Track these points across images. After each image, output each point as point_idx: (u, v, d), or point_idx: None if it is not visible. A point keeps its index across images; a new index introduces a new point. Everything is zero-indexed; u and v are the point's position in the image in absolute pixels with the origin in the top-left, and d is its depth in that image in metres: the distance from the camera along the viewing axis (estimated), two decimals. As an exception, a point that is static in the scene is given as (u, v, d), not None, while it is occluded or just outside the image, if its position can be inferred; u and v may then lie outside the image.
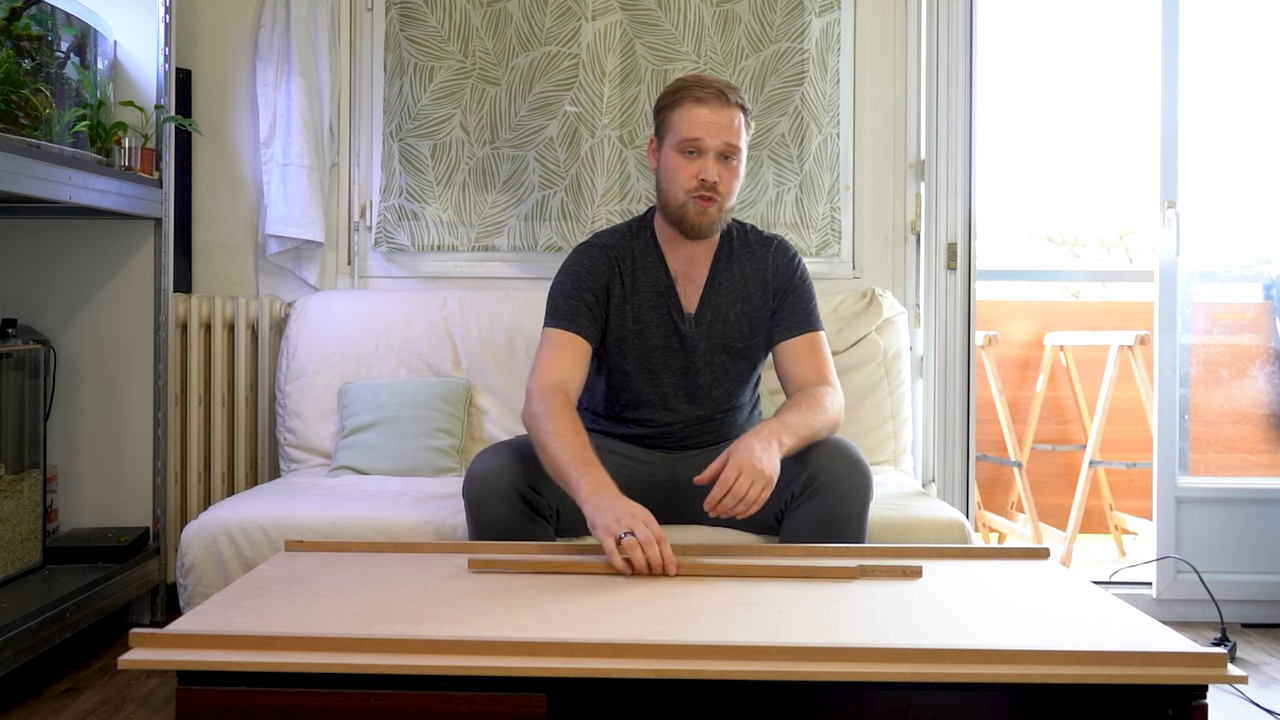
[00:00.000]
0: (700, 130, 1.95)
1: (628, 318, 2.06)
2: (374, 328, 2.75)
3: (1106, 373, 3.40)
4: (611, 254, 2.08)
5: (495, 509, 1.84)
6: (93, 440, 2.64)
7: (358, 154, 2.96)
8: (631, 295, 2.07)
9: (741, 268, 2.10)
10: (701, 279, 2.09)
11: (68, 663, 2.34)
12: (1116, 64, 4.38)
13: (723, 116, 1.96)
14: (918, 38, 2.93)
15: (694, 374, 2.07)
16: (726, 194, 2.00)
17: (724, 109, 1.96)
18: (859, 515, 1.86)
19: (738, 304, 2.08)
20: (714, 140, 1.96)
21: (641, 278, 2.07)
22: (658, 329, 2.07)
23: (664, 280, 2.08)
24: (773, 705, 1.25)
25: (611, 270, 2.07)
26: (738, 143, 1.98)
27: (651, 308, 2.07)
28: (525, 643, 1.20)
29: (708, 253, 2.10)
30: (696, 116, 1.96)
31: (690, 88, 1.98)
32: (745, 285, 2.09)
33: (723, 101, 1.96)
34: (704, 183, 1.96)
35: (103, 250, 2.63)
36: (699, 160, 1.97)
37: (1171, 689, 1.19)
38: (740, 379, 2.11)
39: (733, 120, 1.97)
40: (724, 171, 1.98)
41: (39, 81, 2.23)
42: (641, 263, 2.08)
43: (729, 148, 1.97)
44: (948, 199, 2.84)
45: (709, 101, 1.96)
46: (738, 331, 2.08)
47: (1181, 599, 2.79)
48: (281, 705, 1.18)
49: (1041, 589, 1.50)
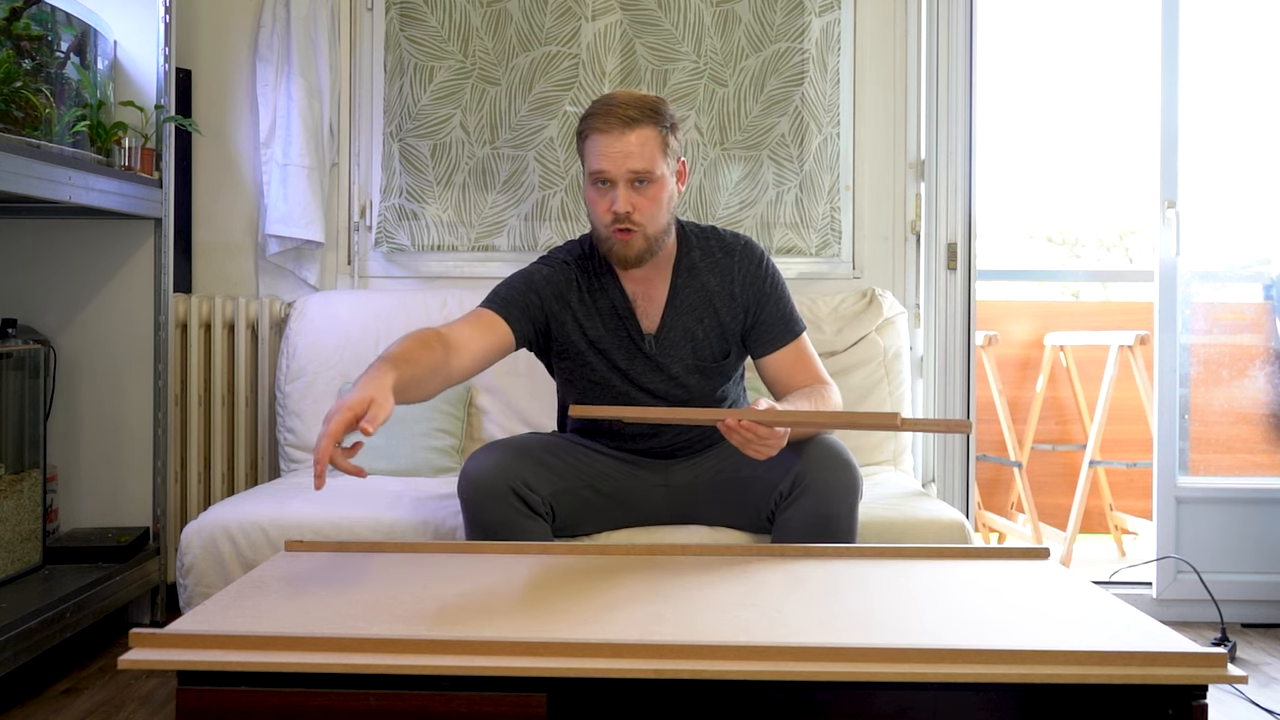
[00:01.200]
0: (604, 161, 1.86)
1: (586, 339, 2.00)
2: (374, 328, 2.75)
3: (1106, 373, 3.40)
4: (572, 271, 2.00)
5: (490, 508, 1.83)
6: (93, 440, 2.64)
7: (358, 154, 2.96)
8: (590, 315, 2.00)
9: (704, 281, 2.01)
10: (661, 298, 2.01)
11: (68, 663, 2.34)
12: (1116, 64, 4.38)
13: (624, 142, 1.85)
14: (918, 38, 2.93)
15: (668, 395, 2.02)
16: (646, 221, 1.89)
17: (625, 134, 1.85)
18: (848, 515, 1.85)
19: (704, 319, 2.01)
20: (618, 169, 1.86)
21: (600, 298, 2.00)
22: (619, 351, 2.00)
23: (621, 302, 2.00)
24: (773, 705, 1.25)
25: (569, 286, 1.99)
26: (648, 167, 1.86)
27: (611, 329, 2.00)
28: (525, 643, 1.20)
29: (664, 270, 2.01)
30: (598, 146, 1.87)
31: (594, 115, 1.89)
32: (710, 299, 2.01)
33: (625, 126, 1.85)
34: (617, 215, 1.88)
35: (103, 250, 2.63)
36: (610, 192, 1.89)
37: (1171, 689, 1.19)
38: (715, 392, 2.06)
39: (639, 145, 1.86)
40: (638, 199, 1.88)
41: (39, 81, 2.23)
42: (598, 283, 2.01)
43: (635, 174, 1.86)
44: (948, 199, 2.84)
45: (610, 130, 1.86)
46: (708, 351, 2.01)
47: (1181, 599, 2.79)
48: (281, 705, 1.18)
49: (1041, 589, 1.50)
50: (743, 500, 1.96)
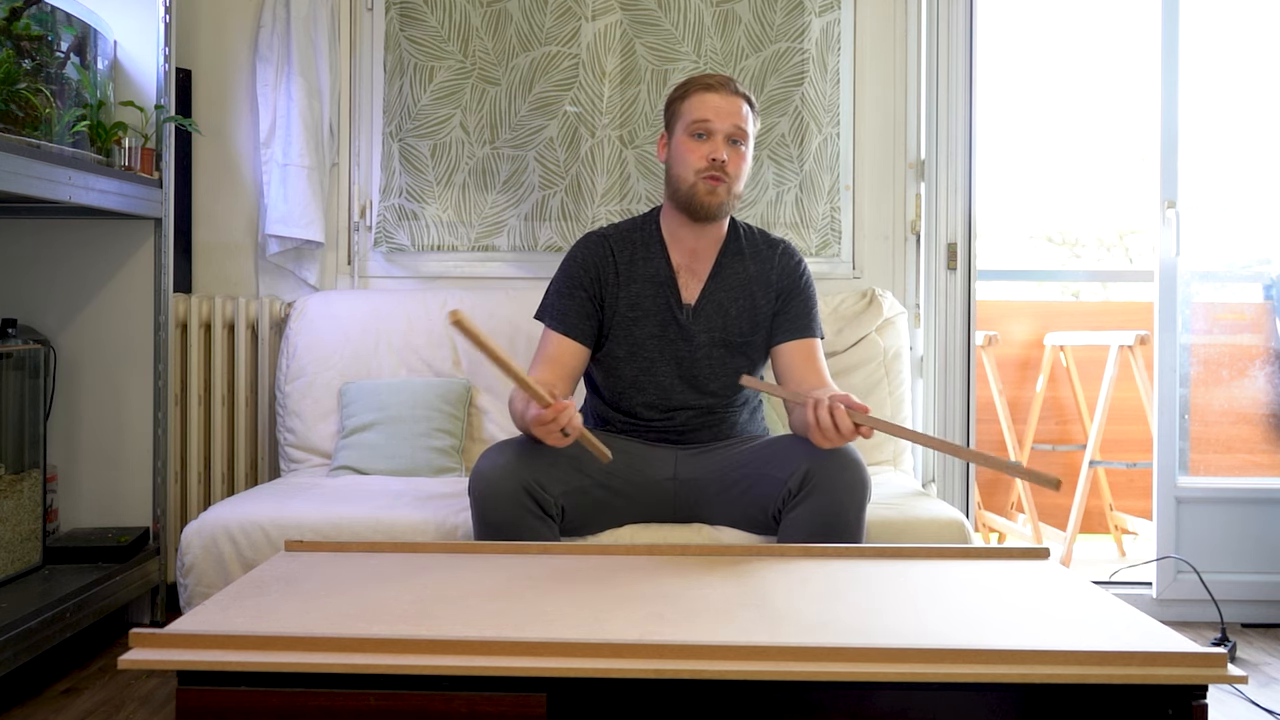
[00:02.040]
0: (710, 112, 2.03)
1: (621, 305, 2.09)
2: (374, 328, 2.75)
3: (1106, 373, 3.40)
4: (609, 242, 2.13)
5: (501, 507, 1.84)
6: (93, 440, 2.64)
7: (358, 154, 2.96)
8: (628, 283, 2.10)
9: (746, 265, 2.13)
10: (704, 272, 2.12)
11: (68, 663, 2.34)
12: (1116, 64, 4.38)
13: (731, 103, 2.04)
14: (918, 38, 2.93)
15: (691, 365, 2.09)
16: (735, 175, 2.05)
17: (732, 96, 2.05)
18: (856, 515, 1.86)
19: (739, 299, 2.11)
20: (723, 123, 2.03)
21: (641, 267, 2.11)
22: (654, 318, 2.09)
23: (664, 271, 2.11)
24: (773, 705, 1.25)
25: (604, 258, 2.11)
26: (746, 128, 2.05)
27: (650, 297, 2.10)
28: (525, 643, 1.20)
29: (713, 246, 2.13)
30: (706, 101, 2.04)
31: (699, 78, 2.08)
32: (748, 282, 2.12)
33: (731, 90, 2.05)
34: (714, 162, 2.02)
35: (103, 250, 2.63)
36: (708, 142, 2.04)
37: (1171, 689, 1.19)
38: (738, 375, 2.11)
39: (740, 107, 2.05)
40: (733, 154, 2.04)
41: (39, 81, 2.23)
42: (642, 252, 2.12)
43: (738, 131, 2.04)
44: (948, 199, 2.84)
45: (717, 89, 2.05)
46: (738, 327, 2.10)
47: (1181, 599, 2.79)
48: (281, 705, 1.18)
49: (1041, 589, 1.50)
50: (750, 496, 1.97)
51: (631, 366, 2.09)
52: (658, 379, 2.09)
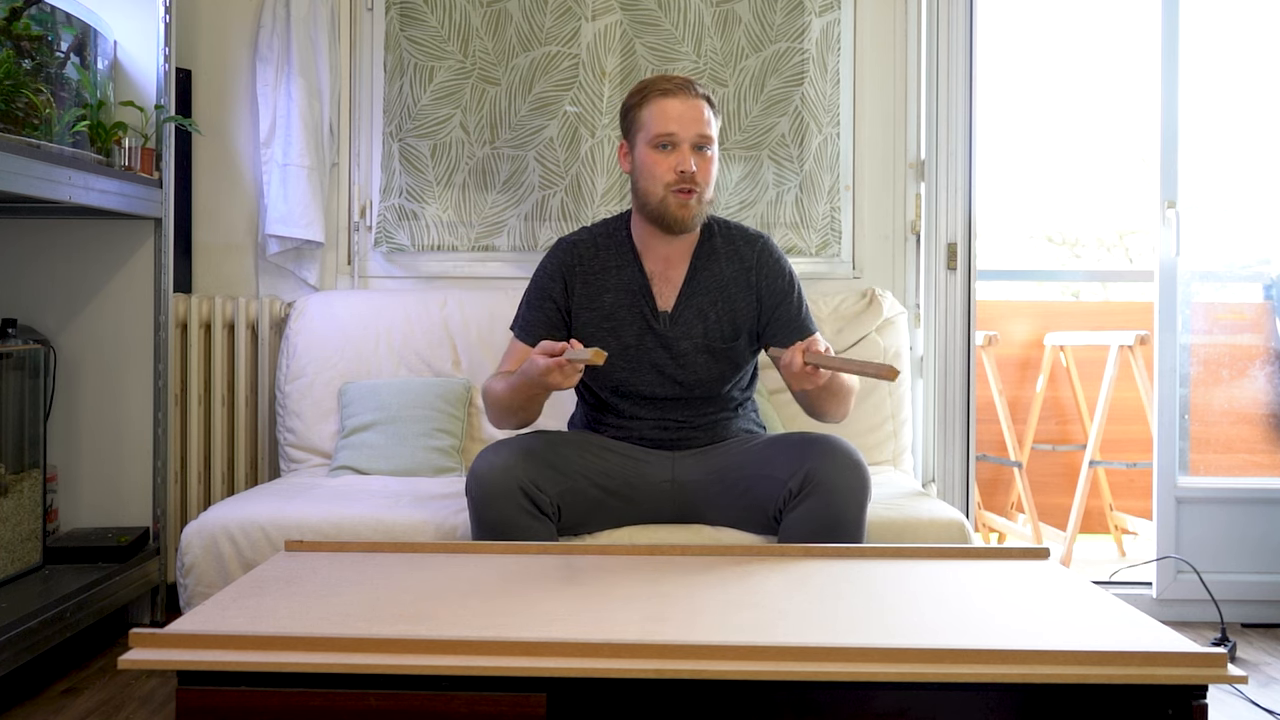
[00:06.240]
0: (673, 124, 1.98)
1: (596, 315, 2.07)
2: (374, 328, 2.75)
3: (1106, 373, 3.40)
4: (579, 250, 2.10)
5: (498, 506, 1.84)
6: (93, 440, 2.64)
7: (358, 154, 2.96)
8: (600, 293, 2.07)
9: (722, 266, 2.09)
10: (679, 279, 2.09)
11: (68, 663, 2.34)
12: (1116, 64, 4.38)
13: (693, 108, 1.98)
14: (918, 38, 2.93)
15: (675, 371, 2.07)
16: (705, 184, 2.01)
17: (692, 99, 1.99)
18: (856, 516, 1.86)
19: (718, 303, 2.08)
20: (687, 132, 1.98)
21: (614, 275, 2.08)
22: (630, 327, 2.07)
23: (638, 279, 2.08)
24: (773, 705, 1.25)
25: (572, 269, 2.09)
26: (710, 133, 2.00)
27: (625, 307, 2.07)
28: (525, 643, 1.20)
29: (686, 251, 2.10)
30: (667, 110, 1.98)
31: (656, 82, 2.02)
32: (725, 285, 2.09)
33: (689, 93, 1.99)
34: (682, 175, 1.97)
35: (103, 250, 2.63)
36: (674, 153, 1.98)
37: (1171, 689, 1.19)
38: (723, 378, 2.10)
39: (702, 111, 1.99)
40: (700, 162, 1.99)
41: (39, 81, 2.22)
42: (615, 260, 2.09)
43: (702, 138, 1.99)
44: (948, 199, 2.84)
45: (676, 94, 1.99)
46: (719, 333, 2.07)
47: (1181, 599, 2.79)
48: (281, 705, 1.18)
49: (1041, 589, 1.50)
50: (750, 498, 1.97)
51: (617, 374, 2.06)
52: (643, 381, 2.06)
